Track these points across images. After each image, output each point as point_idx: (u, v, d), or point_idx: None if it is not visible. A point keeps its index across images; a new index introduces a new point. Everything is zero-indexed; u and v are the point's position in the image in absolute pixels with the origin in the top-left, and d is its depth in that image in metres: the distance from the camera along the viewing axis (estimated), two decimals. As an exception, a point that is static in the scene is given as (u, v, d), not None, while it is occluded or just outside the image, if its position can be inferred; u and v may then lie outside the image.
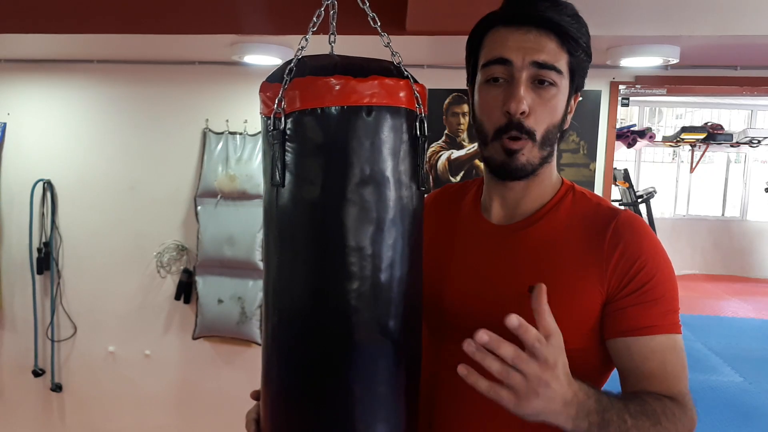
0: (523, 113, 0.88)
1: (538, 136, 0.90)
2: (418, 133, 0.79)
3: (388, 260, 0.77)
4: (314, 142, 0.75)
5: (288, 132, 0.76)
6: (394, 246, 0.78)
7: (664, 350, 0.88)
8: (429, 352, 1.04)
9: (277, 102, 0.76)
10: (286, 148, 0.76)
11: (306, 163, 0.75)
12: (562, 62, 0.90)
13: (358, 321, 0.77)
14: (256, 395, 0.96)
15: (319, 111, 0.74)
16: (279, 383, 0.82)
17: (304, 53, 0.80)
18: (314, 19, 0.83)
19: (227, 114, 2.96)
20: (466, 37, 0.99)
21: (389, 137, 0.76)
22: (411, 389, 0.85)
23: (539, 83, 0.89)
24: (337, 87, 0.73)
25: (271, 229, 0.81)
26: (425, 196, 0.88)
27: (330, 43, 0.85)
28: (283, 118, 0.76)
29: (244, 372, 3.11)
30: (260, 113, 0.82)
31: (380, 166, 0.76)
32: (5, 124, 3.13)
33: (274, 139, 0.76)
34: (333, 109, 0.74)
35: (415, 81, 0.81)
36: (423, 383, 0.89)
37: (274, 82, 0.79)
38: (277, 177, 0.76)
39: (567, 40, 0.89)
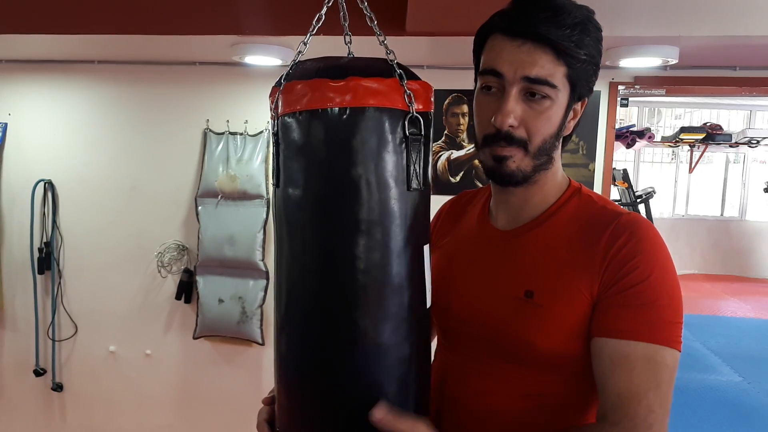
0: (511, 127, 0.87)
1: (532, 146, 0.88)
2: (407, 132, 0.77)
3: (372, 262, 0.76)
4: (295, 145, 0.77)
5: (277, 135, 0.80)
6: (379, 246, 0.76)
7: (637, 360, 0.81)
8: (438, 358, 1.06)
9: (273, 106, 0.81)
10: (279, 150, 0.80)
11: (291, 165, 0.78)
12: (558, 75, 0.86)
13: (347, 324, 0.77)
14: (269, 401, 0.93)
15: (298, 114, 0.76)
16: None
17: (307, 55, 0.81)
18: (313, 22, 0.84)
19: (228, 114, 2.97)
20: (466, 38, 0.99)
21: (367, 138, 0.75)
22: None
23: (531, 95, 0.87)
24: (310, 91, 0.75)
25: (274, 227, 0.85)
26: (447, 200, 0.88)
27: (346, 44, 0.86)
28: (277, 121, 0.79)
29: (245, 371, 3.12)
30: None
31: (357, 167, 0.75)
32: (6, 124, 3.14)
33: (272, 141, 0.81)
34: (308, 112, 0.75)
35: (416, 78, 0.80)
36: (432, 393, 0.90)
37: (276, 86, 0.82)
38: (274, 177, 0.82)
39: (564, 55, 0.85)
